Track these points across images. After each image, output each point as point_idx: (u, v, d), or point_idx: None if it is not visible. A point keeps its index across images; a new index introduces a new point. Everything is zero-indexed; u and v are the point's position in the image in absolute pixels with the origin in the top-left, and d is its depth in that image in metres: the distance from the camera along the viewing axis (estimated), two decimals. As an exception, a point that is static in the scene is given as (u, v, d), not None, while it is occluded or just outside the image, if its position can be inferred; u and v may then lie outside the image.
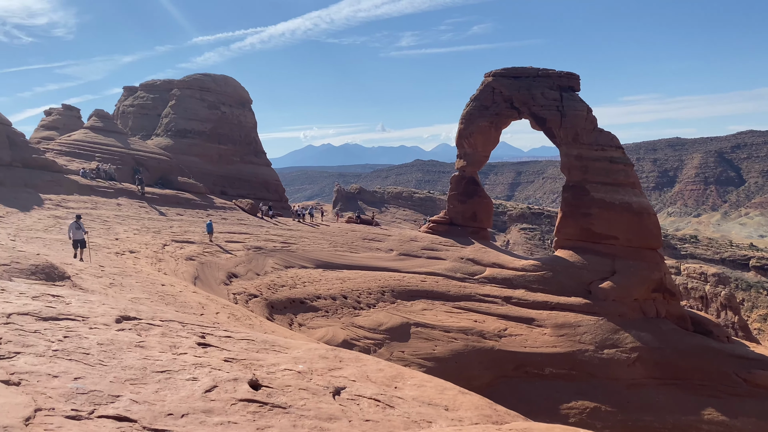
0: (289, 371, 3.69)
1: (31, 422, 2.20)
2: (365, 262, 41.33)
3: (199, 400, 2.83)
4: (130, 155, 55.57)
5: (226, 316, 20.29)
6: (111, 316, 4.27)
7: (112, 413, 2.48)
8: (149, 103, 74.52)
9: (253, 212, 51.11)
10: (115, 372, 2.95)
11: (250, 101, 76.20)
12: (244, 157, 71.14)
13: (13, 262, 13.11)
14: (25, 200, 35.45)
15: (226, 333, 4.66)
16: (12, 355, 2.95)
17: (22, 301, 4.28)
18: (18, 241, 23.62)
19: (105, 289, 17.48)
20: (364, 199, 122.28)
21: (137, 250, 29.46)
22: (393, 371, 4.42)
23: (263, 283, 33.29)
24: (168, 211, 43.73)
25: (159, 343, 3.74)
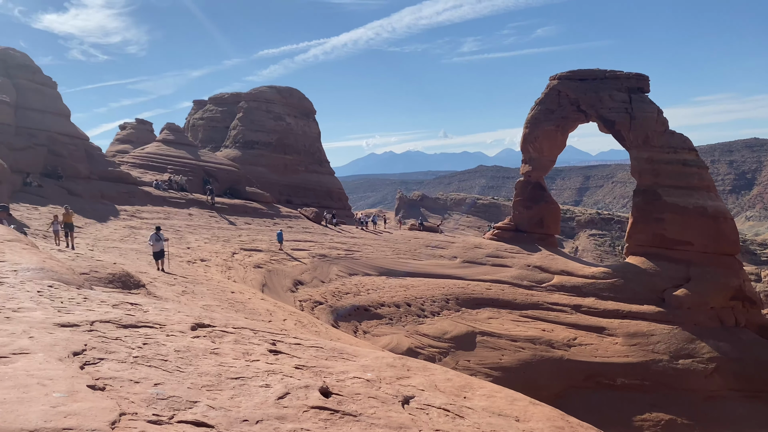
0: (358, 379, 3.71)
1: (117, 426, 2.28)
2: (428, 269, 41.20)
3: (273, 407, 2.88)
4: (200, 167, 57.40)
5: (293, 323, 20.63)
6: (186, 323, 4.40)
7: (190, 418, 2.56)
8: (218, 116, 76.80)
9: (317, 220, 51.84)
10: (192, 378, 3.04)
11: (313, 112, 77.46)
12: (308, 167, 72.30)
13: (92, 271, 13.72)
14: (102, 211, 37.14)
15: (295, 340, 4.73)
16: (96, 361, 3.08)
17: (103, 309, 4.46)
18: (96, 250, 24.74)
19: (178, 297, 18.08)
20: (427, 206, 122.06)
21: (208, 259, 30.35)
22: (461, 381, 4.38)
23: (328, 290, 33.68)
24: (237, 221, 44.89)
25: (232, 350, 3.83)
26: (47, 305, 4.25)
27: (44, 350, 3.10)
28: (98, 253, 23.87)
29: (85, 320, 3.87)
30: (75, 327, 3.67)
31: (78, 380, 2.71)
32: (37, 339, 3.27)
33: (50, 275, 5.97)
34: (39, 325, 3.58)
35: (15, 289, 4.78)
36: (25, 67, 48.51)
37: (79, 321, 3.83)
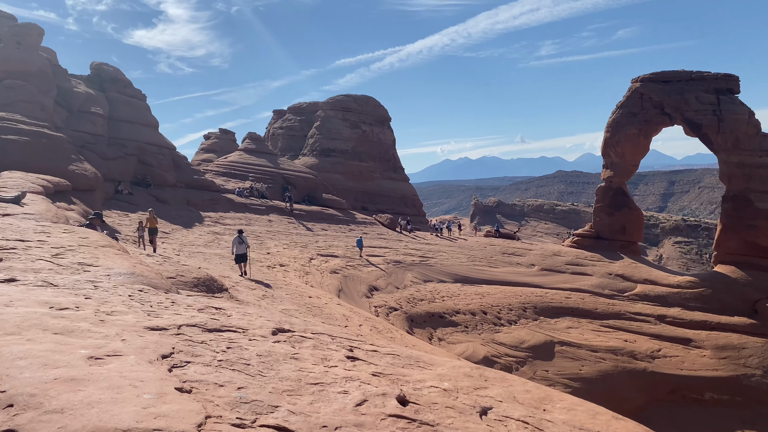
0: (435, 388, 3.69)
1: (203, 428, 2.36)
2: (505, 277, 40.57)
3: (351, 414, 2.90)
4: (279, 174, 58.91)
5: (368, 329, 20.78)
6: (268, 328, 4.50)
7: (272, 423, 2.61)
8: (296, 125, 78.65)
9: (392, 227, 52.08)
10: (273, 383, 3.11)
11: (388, 119, 78.03)
12: (383, 173, 72.84)
13: (178, 276, 14.30)
14: (187, 218, 38.71)
15: (372, 347, 4.75)
16: (183, 364, 3.18)
17: (189, 313, 4.62)
18: (182, 255, 25.78)
19: (258, 301, 18.58)
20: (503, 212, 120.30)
21: (286, 264, 31.05)
22: (541, 393, 4.27)
23: (403, 296, 33.73)
24: (314, 227, 45.75)
25: (311, 356, 3.89)
26: (138, 309, 4.46)
27: (135, 353, 3.25)
28: (184, 257, 24.87)
29: (172, 324, 4.03)
30: (164, 330, 3.83)
31: (167, 382, 2.83)
32: (128, 342, 3.43)
33: (140, 280, 6.25)
34: (130, 328, 3.76)
35: (108, 293, 5.03)
36: (117, 80, 51.34)
37: (167, 325, 4.00)
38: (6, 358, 2.97)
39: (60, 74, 45.70)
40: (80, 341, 3.36)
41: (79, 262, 6.53)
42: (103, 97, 47.83)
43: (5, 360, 2.95)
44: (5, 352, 3.06)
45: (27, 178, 21.69)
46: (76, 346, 3.25)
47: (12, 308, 3.92)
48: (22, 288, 4.74)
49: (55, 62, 46.60)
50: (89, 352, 3.16)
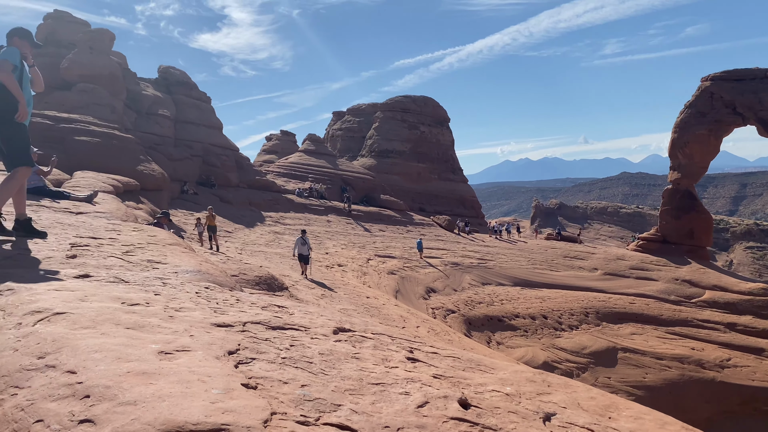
0: (496, 392, 3.64)
1: (269, 425, 2.39)
2: (566, 281, 39.76)
3: (413, 415, 2.89)
4: (338, 175, 59.54)
5: (425, 331, 20.74)
6: (329, 327, 4.54)
7: (335, 421, 2.63)
8: (355, 126, 79.31)
9: (450, 228, 51.82)
10: (335, 382, 3.13)
11: (447, 120, 77.72)
12: (441, 175, 72.59)
13: (241, 274, 14.63)
14: (249, 217, 39.58)
15: (432, 349, 4.73)
16: (248, 360, 3.24)
17: (254, 311, 4.70)
18: (244, 254, 26.37)
19: (317, 300, 18.82)
20: (565, 214, 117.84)
21: (344, 264, 31.34)
22: (606, 400, 4.16)
23: (460, 299, 33.51)
24: (371, 227, 46.00)
25: (372, 356, 3.91)
26: (204, 306, 4.57)
27: (203, 348, 3.33)
28: (246, 256, 25.44)
29: (238, 321, 4.12)
30: (229, 327, 3.92)
31: (233, 378, 2.89)
32: (196, 337, 3.51)
33: (206, 277, 6.41)
34: (198, 324, 3.85)
35: (176, 289, 5.17)
36: (184, 83, 52.99)
37: (232, 321, 4.09)
38: (82, 351, 3.09)
39: (130, 78, 47.52)
40: (151, 336, 3.47)
41: (148, 260, 6.76)
42: (170, 99, 49.47)
43: (82, 352, 3.08)
44: (81, 345, 3.19)
45: (98, 177, 22.62)
46: (147, 341, 3.35)
47: (87, 303, 4.08)
48: (96, 284, 4.94)
49: (125, 66, 48.49)
50: (159, 347, 3.26)
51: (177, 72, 54.31)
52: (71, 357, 3.01)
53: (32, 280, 4.77)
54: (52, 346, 3.17)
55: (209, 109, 53.48)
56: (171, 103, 48.88)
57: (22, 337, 3.37)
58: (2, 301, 4.16)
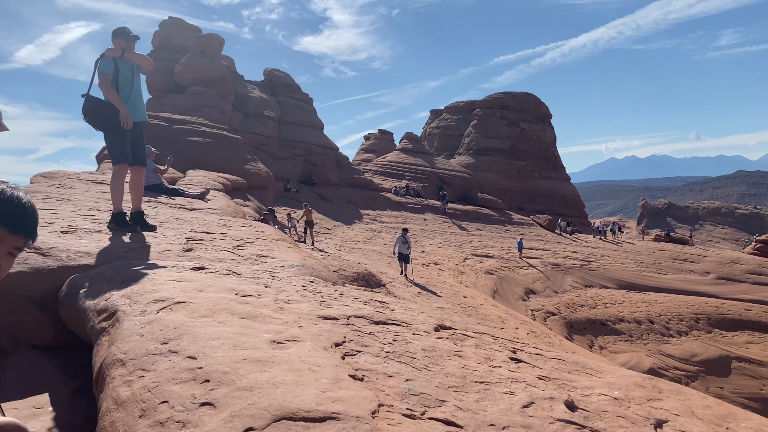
0: (604, 396, 3.53)
1: (377, 416, 2.45)
2: (675, 284, 37.72)
3: (518, 415, 2.87)
4: (435, 174, 59.50)
5: (525, 332, 20.34)
6: (430, 324, 4.57)
7: (440, 416, 2.65)
8: (453, 124, 78.94)
9: (550, 228, 50.51)
10: (438, 378, 3.16)
11: (549, 116, 75.74)
12: (542, 173, 70.85)
13: (341, 269, 14.95)
14: (348, 215, 40.35)
15: (535, 350, 4.66)
16: (354, 353, 3.32)
17: (357, 305, 4.81)
18: (343, 250, 26.91)
19: (414, 298, 18.93)
20: (674, 215, 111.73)
21: (440, 263, 31.28)
22: (722, 410, 3.94)
23: (561, 301, 32.59)
24: (468, 226, 45.63)
25: (474, 354, 3.90)
26: (311, 298, 4.72)
27: (311, 339, 3.44)
28: (344, 253, 25.95)
29: (342, 314, 4.22)
30: (335, 320, 4.02)
31: (341, 369, 2.97)
32: (305, 329, 3.64)
33: (310, 272, 6.61)
34: (306, 316, 3.99)
35: (284, 282, 5.36)
36: (288, 85, 54.79)
37: (337, 315, 4.20)
38: (202, 338, 3.29)
39: (237, 80, 49.71)
40: (263, 326, 3.63)
41: (256, 254, 7.05)
42: (274, 101, 51.32)
43: (201, 339, 3.27)
44: (201, 332, 3.39)
45: (209, 176, 23.80)
46: (260, 330, 3.52)
47: (204, 293, 4.32)
48: (211, 275, 5.21)
49: (233, 69, 50.78)
50: (271, 336, 3.41)
51: (281, 74, 56.22)
52: (192, 343, 3.21)
53: (154, 271, 5.11)
54: (174, 333, 3.39)
55: (311, 110, 54.99)
56: (276, 105, 50.69)
57: (147, 324, 3.63)
58: (127, 289, 4.48)
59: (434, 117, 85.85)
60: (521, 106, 72.64)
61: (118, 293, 4.40)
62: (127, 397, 2.82)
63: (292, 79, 56.45)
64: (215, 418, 2.43)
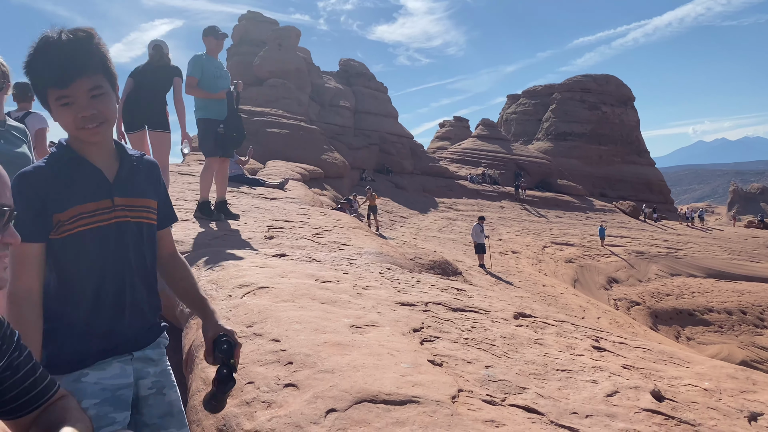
0: (693, 387, 3.40)
1: (457, 401, 2.46)
2: (771, 273, 35.62)
3: (601, 403, 2.80)
4: (512, 160, 58.49)
5: (607, 322, 19.77)
6: (509, 311, 4.53)
7: (521, 403, 2.63)
8: (530, 109, 77.19)
9: (634, 215, 48.71)
10: (519, 365, 3.12)
11: (632, 99, 72.79)
12: (625, 157, 68.28)
13: (416, 257, 14.98)
14: (423, 203, 40.32)
15: (619, 339, 4.53)
16: (432, 338, 3.34)
17: (434, 292, 4.82)
18: (418, 239, 26.95)
19: (491, 286, 18.74)
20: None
21: (519, 251, 30.80)
22: (825, 405, 3.71)
23: (646, 290, 31.41)
24: (547, 213, 44.66)
25: (555, 342, 3.83)
26: (388, 285, 4.76)
27: (390, 324, 3.47)
28: (420, 241, 25.99)
29: (420, 301, 4.24)
30: (413, 306, 4.05)
31: (420, 354, 2.99)
32: (383, 314, 3.68)
33: (387, 259, 6.66)
34: (384, 302, 4.03)
35: (362, 269, 5.43)
36: (363, 75, 55.15)
37: (415, 301, 4.21)
38: (284, 322, 3.39)
39: (314, 71, 50.49)
40: (342, 311, 3.70)
41: (334, 242, 7.17)
42: (350, 91, 51.81)
43: (284, 323, 3.37)
44: (283, 316, 3.49)
45: (288, 166, 24.37)
46: (340, 315, 3.58)
47: (286, 279, 4.44)
48: (291, 262, 5.33)
49: (309, 61, 51.59)
50: (351, 321, 3.47)
51: (356, 64, 56.65)
52: (275, 327, 3.31)
53: (238, 258, 5.30)
54: (258, 317, 3.51)
55: (386, 99, 55.14)
56: (351, 95, 51.17)
57: (232, 308, 3.77)
58: (214, 275, 4.67)
59: (511, 102, 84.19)
60: (602, 88, 70.13)
61: (206, 278, 4.59)
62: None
63: (367, 69, 56.76)
64: (299, 399, 2.50)
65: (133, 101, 7.04)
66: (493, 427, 2.36)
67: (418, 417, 2.34)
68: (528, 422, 2.48)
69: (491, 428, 2.34)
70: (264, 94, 41.79)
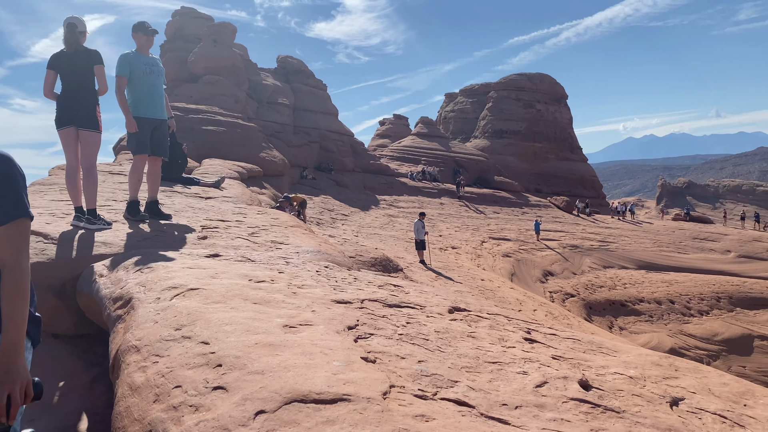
0: (619, 375, 3.51)
1: (388, 397, 2.46)
2: (695, 264, 37.34)
3: (531, 394, 2.86)
4: (451, 158, 59.24)
5: (543, 314, 20.29)
6: (444, 306, 4.56)
7: (452, 397, 2.65)
8: (468, 107, 78.38)
9: (568, 210, 50.15)
10: (452, 359, 3.15)
11: (565, 97, 74.90)
12: (558, 154, 70.22)
13: (357, 255, 15.00)
14: (364, 201, 40.36)
15: (550, 330, 4.64)
16: (367, 335, 3.33)
17: (371, 289, 4.81)
18: (359, 236, 26.95)
19: (431, 282, 18.94)
20: (694, 193, 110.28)
21: (458, 246, 31.23)
22: (740, 387, 3.90)
23: (580, 282, 32.42)
24: (485, 210, 45.45)
25: (488, 335, 3.89)
26: (324, 283, 4.73)
27: (324, 323, 3.45)
28: (362, 239, 25.99)
29: (356, 298, 4.23)
30: (348, 304, 4.03)
31: (353, 352, 2.98)
32: (318, 313, 3.65)
33: (325, 257, 6.62)
34: (319, 300, 4.00)
35: (298, 268, 5.38)
36: (301, 72, 54.69)
37: (351, 299, 4.20)
38: (215, 324, 3.31)
39: (251, 68, 49.70)
40: (276, 311, 3.65)
41: (271, 240, 7.08)
42: (288, 88, 51.28)
43: (214, 325, 3.30)
44: (213, 318, 3.41)
45: (224, 164, 23.91)
46: (273, 315, 3.53)
47: (217, 280, 4.35)
48: (225, 262, 5.24)
49: (246, 57, 50.75)
50: (284, 321, 3.43)
51: (294, 61, 56.12)
52: (204, 329, 3.24)
53: (168, 259, 5.16)
54: (187, 319, 3.42)
55: (325, 97, 54.86)
56: (289, 92, 50.66)
57: (161, 311, 3.66)
58: (142, 277, 4.53)
59: (449, 100, 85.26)
60: (536, 87, 71.89)
61: (134, 281, 4.44)
62: (141, 383, 2.86)
63: (306, 66, 56.33)
64: (227, 401, 2.45)
65: (61, 95, 6.72)
66: (423, 421, 2.37)
67: (348, 415, 2.32)
68: (458, 415, 2.51)
69: (421, 423, 2.35)
70: (199, 91, 40.86)
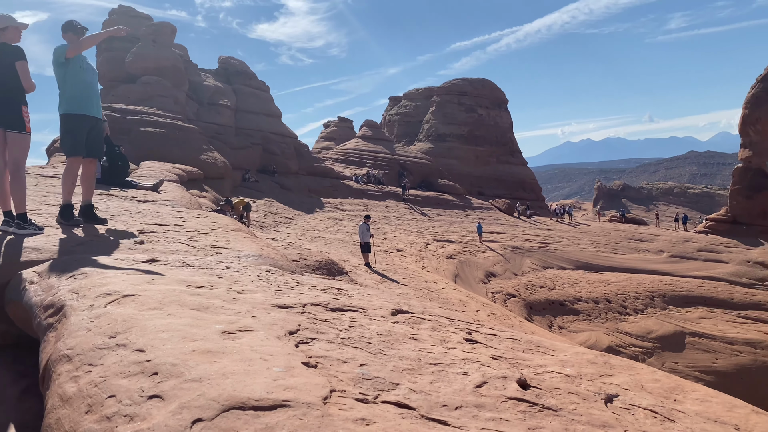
0: (557, 374, 3.59)
1: (328, 402, 2.44)
2: (631, 264, 38.71)
3: (471, 395, 2.89)
4: (395, 160, 59.54)
5: (485, 314, 20.62)
6: (387, 309, 4.57)
7: (393, 399, 2.66)
8: (412, 111, 79.00)
9: (509, 212, 51.17)
10: (393, 361, 3.16)
11: (505, 101, 76.45)
12: (500, 158, 71.60)
13: (301, 258, 14.87)
14: (309, 204, 40.12)
15: (491, 331, 4.71)
16: (309, 340, 3.31)
17: (313, 293, 4.78)
18: (304, 239, 26.77)
19: (376, 284, 18.96)
20: (629, 196, 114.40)
21: (403, 249, 31.41)
22: (671, 383, 4.05)
23: (521, 283, 33.12)
24: (430, 212, 45.89)
25: (430, 337, 3.92)
26: (266, 288, 4.67)
27: (264, 329, 3.41)
28: (306, 242, 25.81)
29: (298, 302, 4.19)
30: (290, 308, 3.99)
31: (294, 357, 2.95)
32: (258, 318, 3.60)
33: (267, 261, 6.54)
34: (260, 305, 3.95)
35: (239, 273, 5.30)
36: (243, 73, 53.95)
37: (293, 303, 4.16)
38: (150, 331, 3.22)
39: (191, 69, 48.72)
40: (214, 317, 3.58)
41: (211, 245, 6.95)
42: (230, 89, 50.50)
43: (150, 332, 3.21)
44: (149, 325, 3.32)
45: (163, 167, 23.33)
46: (211, 321, 3.46)
47: (154, 286, 4.23)
48: (162, 268, 5.11)
49: (186, 58, 49.72)
50: (223, 327, 3.37)
51: (236, 62, 55.33)
52: (140, 336, 3.14)
53: (103, 265, 4.98)
54: (122, 327, 3.31)
55: (268, 98, 54.28)
56: (231, 93, 49.89)
57: (94, 318, 3.53)
58: (75, 284, 4.36)
59: (393, 104, 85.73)
60: (478, 92, 73.11)
61: (66, 288, 4.27)
62: (73, 393, 2.75)
63: (248, 67, 55.60)
64: (163, 410, 2.38)
65: None
66: (364, 425, 2.37)
67: (288, 421, 2.30)
68: (399, 418, 2.52)
69: (361, 427, 2.35)
70: (137, 92, 39.79)
